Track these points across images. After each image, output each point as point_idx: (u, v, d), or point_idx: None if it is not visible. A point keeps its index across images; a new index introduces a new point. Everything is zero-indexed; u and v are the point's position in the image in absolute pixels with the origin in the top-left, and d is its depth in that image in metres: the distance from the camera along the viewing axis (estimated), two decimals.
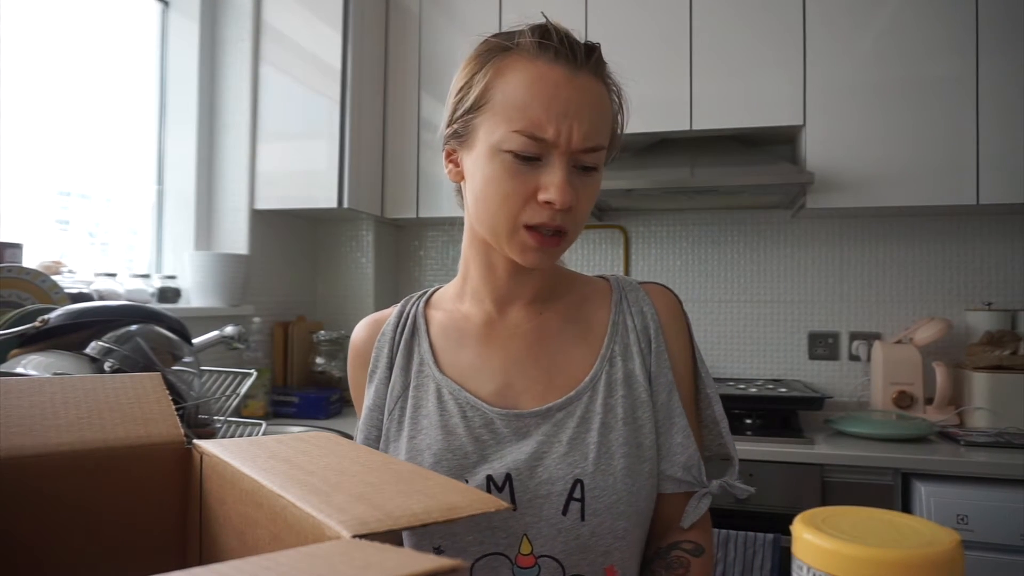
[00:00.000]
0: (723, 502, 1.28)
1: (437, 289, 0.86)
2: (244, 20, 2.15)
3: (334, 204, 2.09)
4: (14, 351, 0.94)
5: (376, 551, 0.26)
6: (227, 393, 1.25)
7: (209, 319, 1.88)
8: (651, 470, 0.73)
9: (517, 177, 0.68)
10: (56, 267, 1.62)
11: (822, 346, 2.24)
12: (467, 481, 0.71)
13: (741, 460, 0.83)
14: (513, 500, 0.70)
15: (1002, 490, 1.53)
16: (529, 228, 0.69)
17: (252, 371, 1.28)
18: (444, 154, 0.77)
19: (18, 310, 1.05)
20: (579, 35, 0.71)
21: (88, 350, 0.93)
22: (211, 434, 1.00)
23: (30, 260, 1.48)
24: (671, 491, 0.75)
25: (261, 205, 2.16)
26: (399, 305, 0.84)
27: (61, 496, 0.43)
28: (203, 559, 0.45)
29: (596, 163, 0.70)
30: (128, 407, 0.49)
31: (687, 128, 2.04)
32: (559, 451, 0.71)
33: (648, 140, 2.16)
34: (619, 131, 0.76)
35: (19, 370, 0.87)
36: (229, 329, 1.32)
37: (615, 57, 0.75)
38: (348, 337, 1.21)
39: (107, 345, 0.92)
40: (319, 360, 2.29)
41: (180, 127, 2.14)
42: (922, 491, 1.57)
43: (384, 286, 2.53)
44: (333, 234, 2.50)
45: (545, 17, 0.71)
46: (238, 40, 2.16)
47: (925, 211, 2.05)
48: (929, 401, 1.95)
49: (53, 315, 0.96)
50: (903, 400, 1.94)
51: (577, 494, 0.69)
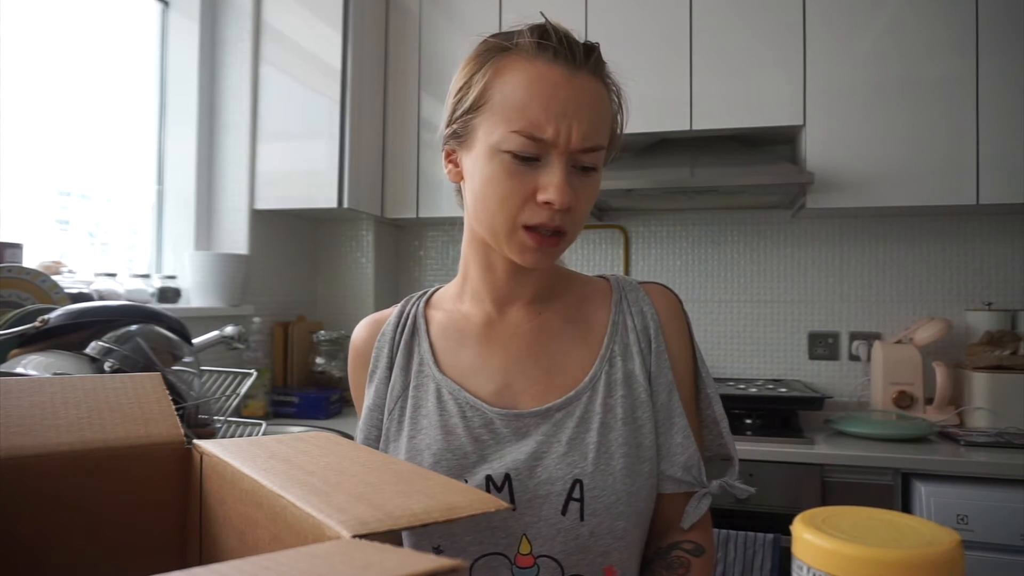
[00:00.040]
0: (723, 502, 1.28)
1: (437, 289, 0.86)
2: (244, 20, 2.15)
3: (334, 204, 2.09)
4: (14, 351, 0.94)
5: (376, 551, 0.26)
6: (227, 393, 1.25)
7: (209, 319, 1.88)
8: (651, 470, 0.73)
9: (516, 177, 0.68)
10: (56, 267, 1.62)
11: (822, 346, 2.24)
12: (466, 481, 0.70)
13: (741, 460, 0.82)
14: (512, 500, 0.70)
15: (1002, 490, 1.53)
16: (528, 228, 0.69)
17: (252, 371, 1.28)
18: (443, 154, 0.77)
19: (18, 310, 1.05)
20: (579, 35, 0.71)
21: (88, 350, 0.93)
22: (211, 434, 1.00)
23: (30, 260, 1.48)
24: (671, 491, 0.74)
25: (261, 205, 2.16)
26: (399, 305, 0.84)
27: (61, 496, 0.43)
28: (203, 559, 0.45)
29: (595, 163, 0.70)
30: (128, 407, 0.49)
31: (687, 128, 2.04)
32: (558, 451, 0.71)
33: (648, 140, 2.16)
34: (619, 131, 0.76)
35: (19, 370, 0.87)
36: (229, 329, 1.32)
37: (615, 57, 0.75)
38: (348, 337, 1.21)
39: (107, 345, 0.92)
40: (319, 360, 2.29)
41: (180, 127, 2.14)
42: (922, 491, 1.57)
43: (384, 286, 2.53)
44: (333, 234, 2.50)
45: (544, 17, 0.71)
46: (238, 40, 2.16)
47: (925, 211, 2.05)
48: (929, 401, 1.95)
49: (53, 315, 0.96)
50: (903, 400, 1.94)
51: (576, 494, 0.69)
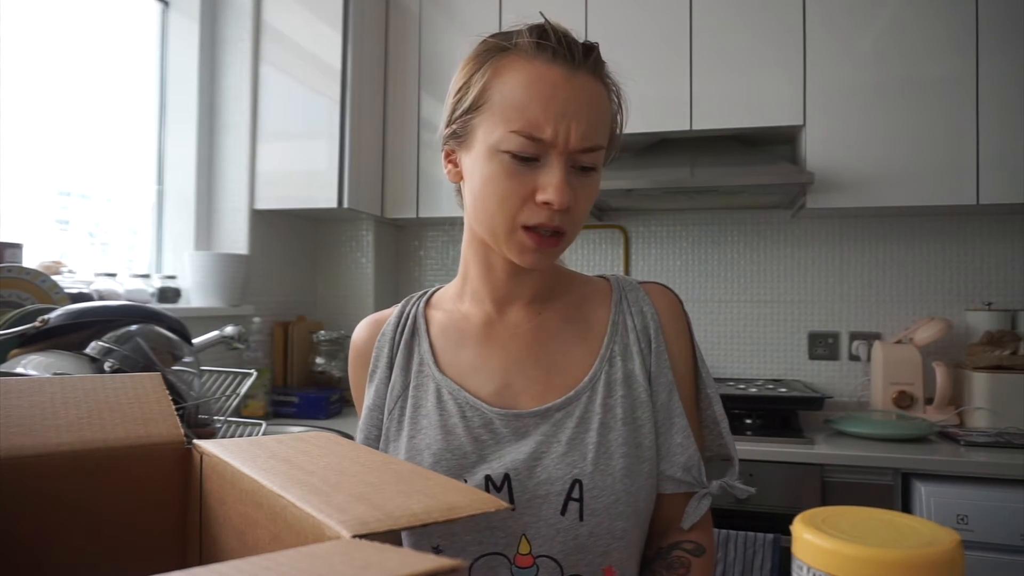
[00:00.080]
0: (723, 502, 1.28)
1: (437, 289, 0.86)
2: (244, 20, 2.15)
3: (334, 204, 2.09)
4: (14, 351, 0.94)
5: (376, 551, 0.26)
6: (227, 393, 1.25)
7: (209, 319, 1.88)
8: (650, 470, 0.73)
9: (515, 177, 0.68)
10: (56, 267, 1.62)
11: (822, 346, 2.24)
12: (466, 481, 0.70)
13: (741, 460, 0.82)
14: (512, 500, 0.70)
15: (1002, 490, 1.53)
16: (527, 229, 0.69)
17: (252, 371, 1.28)
18: (443, 154, 0.77)
19: (18, 310, 1.05)
20: (578, 35, 0.71)
21: (88, 350, 0.93)
22: (211, 434, 1.00)
23: (30, 260, 1.48)
24: (671, 491, 0.74)
25: (261, 205, 2.16)
26: (399, 305, 0.84)
27: (61, 496, 0.43)
28: (203, 559, 0.45)
29: (595, 163, 0.70)
30: (128, 407, 0.49)
31: (687, 128, 2.04)
32: (558, 451, 0.71)
33: (648, 140, 2.16)
34: (618, 131, 0.76)
35: (19, 370, 0.87)
36: (229, 329, 1.32)
37: (615, 57, 0.75)
38: (348, 337, 1.21)
39: (107, 345, 0.92)
40: (319, 360, 2.29)
41: (180, 127, 2.14)
42: (922, 491, 1.57)
43: (384, 286, 2.53)
44: (333, 234, 2.50)
45: (544, 17, 0.71)
46: (238, 40, 2.16)
47: (925, 211, 2.05)
48: (929, 401, 1.95)
49: (53, 315, 0.96)
50: (903, 400, 1.94)
51: (576, 494, 0.69)
